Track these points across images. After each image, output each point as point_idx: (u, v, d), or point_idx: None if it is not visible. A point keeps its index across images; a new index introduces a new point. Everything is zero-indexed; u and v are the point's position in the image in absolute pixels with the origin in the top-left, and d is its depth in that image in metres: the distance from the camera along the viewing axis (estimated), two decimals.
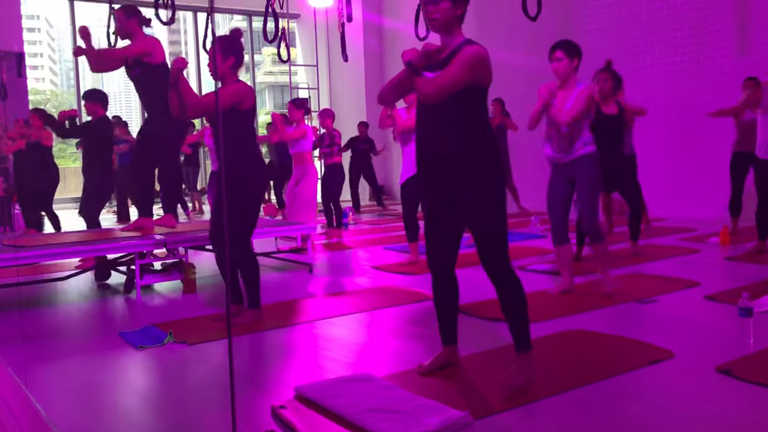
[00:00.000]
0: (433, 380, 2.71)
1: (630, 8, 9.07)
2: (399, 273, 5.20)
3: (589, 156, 3.97)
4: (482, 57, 2.48)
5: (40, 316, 4.20)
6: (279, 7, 7.58)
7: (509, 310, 2.59)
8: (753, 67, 7.54)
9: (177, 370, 3.04)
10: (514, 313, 2.58)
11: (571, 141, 3.96)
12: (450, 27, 2.55)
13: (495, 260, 2.55)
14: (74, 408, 2.58)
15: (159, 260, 4.92)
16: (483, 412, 2.35)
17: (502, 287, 2.58)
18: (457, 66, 2.45)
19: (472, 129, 2.54)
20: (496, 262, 2.56)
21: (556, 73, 3.99)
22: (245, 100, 3.65)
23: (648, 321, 3.59)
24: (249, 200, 3.71)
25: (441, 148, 2.57)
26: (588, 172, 3.97)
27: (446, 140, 2.55)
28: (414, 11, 7.25)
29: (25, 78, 11.16)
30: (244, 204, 3.68)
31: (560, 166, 4.07)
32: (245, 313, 3.76)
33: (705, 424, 2.24)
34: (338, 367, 2.95)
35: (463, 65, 2.45)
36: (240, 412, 2.41)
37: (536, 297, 4.12)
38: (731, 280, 4.50)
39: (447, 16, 2.52)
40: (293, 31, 15.46)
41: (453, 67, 2.46)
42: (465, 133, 2.53)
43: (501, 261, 2.56)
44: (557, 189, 4.11)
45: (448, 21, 2.53)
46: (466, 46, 2.50)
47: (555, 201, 4.13)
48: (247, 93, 3.65)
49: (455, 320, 2.83)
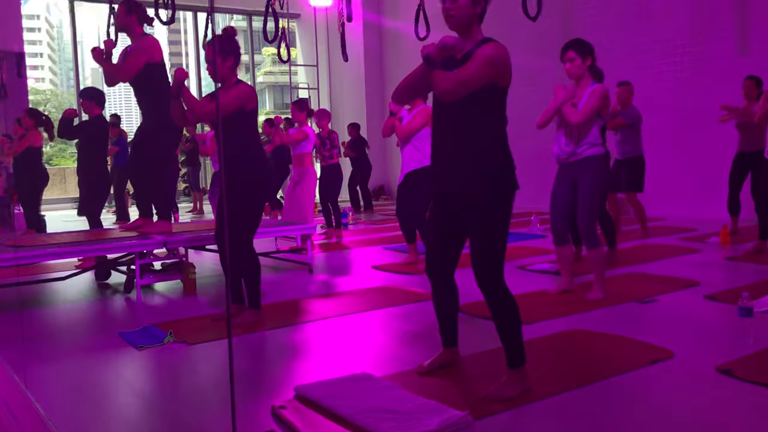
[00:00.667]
0: (433, 380, 2.71)
1: (630, 8, 9.07)
2: (398, 273, 5.20)
3: (595, 158, 3.94)
4: (501, 55, 2.42)
5: (40, 316, 4.20)
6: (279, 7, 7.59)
7: (500, 329, 2.54)
8: (753, 67, 7.54)
9: (177, 370, 3.04)
10: (505, 332, 2.53)
11: (579, 139, 3.94)
12: (468, 25, 2.50)
13: (486, 277, 2.50)
14: (74, 408, 2.58)
15: (159, 260, 4.92)
16: (483, 412, 2.35)
17: (492, 306, 2.53)
18: (476, 63, 2.39)
19: (490, 129, 2.49)
20: (486, 280, 2.50)
21: (568, 74, 3.95)
22: (248, 102, 3.66)
23: (648, 321, 3.59)
24: (252, 200, 3.71)
25: (456, 147, 2.51)
26: (592, 175, 3.93)
27: (462, 140, 2.49)
28: (414, 11, 7.27)
29: (25, 78, 11.17)
30: (246, 204, 3.68)
31: (566, 166, 4.05)
32: (245, 313, 3.77)
33: (705, 423, 2.24)
34: (338, 367, 2.95)
35: (481, 63, 2.39)
36: (240, 412, 2.41)
37: (536, 297, 4.13)
38: (731, 280, 4.50)
39: (465, 13, 2.47)
40: (293, 31, 15.46)
41: (471, 65, 2.40)
42: (482, 133, 2.48)
43: (492, 279, 2.49)
44: (561, 190, 4.09)
45: (467, 18, 2.48)
46: (484, 44, 2.45)
47: (558, 202, 4.11)
48: (250, 94, 3.66)
49: (455, 323, 2.82)
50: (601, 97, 3.86)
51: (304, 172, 6.74)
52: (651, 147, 8.52)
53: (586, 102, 3.87)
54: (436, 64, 2.44)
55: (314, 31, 14.29)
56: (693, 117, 8.40)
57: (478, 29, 2.53)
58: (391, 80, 13.78)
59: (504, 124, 2.54)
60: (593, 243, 4.00)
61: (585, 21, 9.58)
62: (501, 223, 2.50)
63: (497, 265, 2.50)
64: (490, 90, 2.45)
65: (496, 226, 2.49)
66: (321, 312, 4.00)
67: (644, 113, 6.44)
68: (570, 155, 3.97)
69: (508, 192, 2.51)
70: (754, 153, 6.00)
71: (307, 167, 6.75)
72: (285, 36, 8.27)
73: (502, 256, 2.53)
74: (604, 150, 4.00)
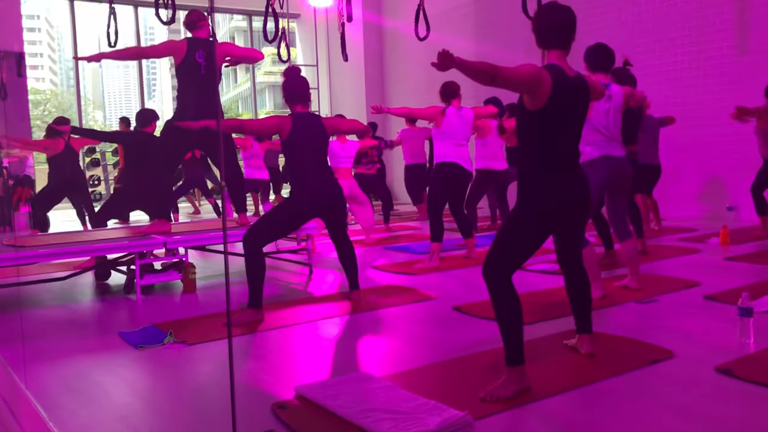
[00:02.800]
0: (433, 380, 2.71)
1: (630, 8, 9.07)
2: (399, 273, 5.20)
3: (586, 163, 3.95)
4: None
5: (40, 316, 4.20)
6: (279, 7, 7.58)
7: (498, 321, 2.57)
8: (753, 67, 7.55)
9: (177, 370, 3.04)
10: (502, 328, 2.56)
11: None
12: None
13: (488, 266, 2.60)
14: (74, 408, 2.58)
15: (159, 260, 4.92)
16: (482, 411, 2.35)
17: (492, 296, 2.60)
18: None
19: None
20: (488, 269, 2.60)
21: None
22: (282, 131, 3.94)
23: (648, 321, 3.59)
24: (281, 212, 3.95)
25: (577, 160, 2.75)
26: (590, 176, 3.93)
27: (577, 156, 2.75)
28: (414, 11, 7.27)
29: (25, 78, 11.15)
30: (275, 212, 3.92)
31: None
32: (245, 312, 3.77)
33: (705, 424, 2.24)
34: (338, 367, 2.95)
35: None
36: (240, 412, 2.41)
37: (536, 297, 4.13)
38: (731, 280, 4.50)
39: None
40: (293, 31, 15.46)
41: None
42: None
43: (493, 270, 2.59)
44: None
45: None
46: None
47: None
48: (281, 124, 3.95)
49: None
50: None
51: None
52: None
53: None
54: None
55: (314, 31, 14.28)
56: (692, 117, 8.39)
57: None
58: (391, 80, 13.79)
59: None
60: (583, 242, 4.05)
61: (585, 21, 9.58)
62: (519, 222, 2.61)
63: (502, 258, 2.59)
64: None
65: (511, 221, 2.62)
66: (321, 312, 4.00)
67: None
68: None
69: (537, 204, 2.62)
70: None
71: None
72: (285, 36, 8.26)
73: (510, 252, 2.61)
74: (597, 153, 4.02)
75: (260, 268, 3.79)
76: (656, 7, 8.78)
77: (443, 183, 5.37)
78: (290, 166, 4.01)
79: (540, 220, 2.61)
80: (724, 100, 7.75)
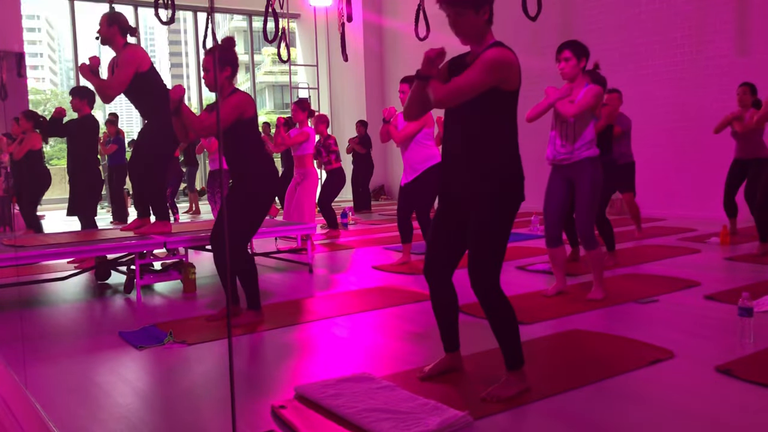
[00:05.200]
0: (433, 380, 2.70)
1: (630, 8, 9.07)
2: (398, 273, 5.20)
3: (590, 159, 3.94)
4: (503, 59, 2.39)
5: (40, 316, 4.20)
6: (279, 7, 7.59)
7: (496, 332, 2.54)
8: (753, 67, 7.55)
9: (177, 370, 3.04)
10: (501, 336, 2.53)
11: (575, 140, 3.94)
12: (478, 34, 2.48)
13: (479, 280, 2.48)
14: (74, 408, 2.58)
15: (159, 260, 4.92)
16: (483, 412, 2.35)
17: (485, 309, 2.52)
18: (474, 70, 2.39)
19: (494, 134, 2.47)
20: (478, 282, 2.49)
21: (562, 74, 3.95)
22: (246, 110, 3.66)
23: (648, 321, 3.59)
24: (251, 203, 3.71)
25: (461, 150, 2.52)
26: (589, 176, 3.93)
27: (466, 144, 2.50)
28: (414, 11, 7.27)
29: (25, 78, 11.17)
30: (246, 207, 3.69)
31: (561, 167, 4.05)
32: (245, 314, 3.77)
33: (705, 424, 2.24)
34: (338, 367, 2.95)
35: (479, 69, 2.38)
36: (240, 412, 2.41)
37: (535, 297, 4.13)
38: (731, 280, 4.50)
39: (471, 24, 2.45)
40: (293, 31, 15.47)
41: (469, 71, 2.40)
42: (485, 138, 2.47)
43: (484, 283, 2.48)
44: (555, 191, 4.09)
45: (474, 28, 2.46)
46: (488, 49, 2.44)
47: (552, 203, 4.11)
48: (247, 102, 3.66)
49: (455, 327, 2.80)
50: (596, 95, 3.89)
51: (305, 173, 6.74)
52: (650, 147, 8.54)
53: (582, 98, 3.88)
54: (424, 77, 2.45)
55: (314, 31, 14.29)
56: (693, 117, 8.40)
57: (489, 35, 2.51)
58: (391, 80, 13.78)
59: (513, 131, 2.52)
60: (591, 244, 4.00)
61: (585, 21, 9.58)
62: (498, 228, 2.48)
63: (491, 268, 2.48)
64: (494, 95, 2.43)
65: (492, 228, 2.48)
66: (321, 312, 4.00)
67: (643, 113, 6.46)
68: (567, 156, 3.97)
69: (509, 198, 2.49)
70: (752, 161, 6.07)
71: (308, 168, 6.75)
72: (285, 36, 8.27)
73: (498, 260, 2.50)
74: (598, 150, 4.01)
75: (253, 268, 3.78)
76: (656, 7, 8.78)
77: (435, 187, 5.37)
78: (251, 146, 3.72)
79: (514, 210, 2.53)
80: (724, 100, 7.75)
